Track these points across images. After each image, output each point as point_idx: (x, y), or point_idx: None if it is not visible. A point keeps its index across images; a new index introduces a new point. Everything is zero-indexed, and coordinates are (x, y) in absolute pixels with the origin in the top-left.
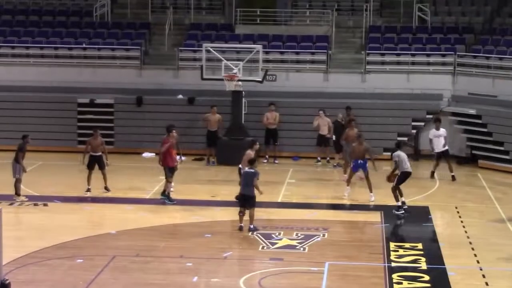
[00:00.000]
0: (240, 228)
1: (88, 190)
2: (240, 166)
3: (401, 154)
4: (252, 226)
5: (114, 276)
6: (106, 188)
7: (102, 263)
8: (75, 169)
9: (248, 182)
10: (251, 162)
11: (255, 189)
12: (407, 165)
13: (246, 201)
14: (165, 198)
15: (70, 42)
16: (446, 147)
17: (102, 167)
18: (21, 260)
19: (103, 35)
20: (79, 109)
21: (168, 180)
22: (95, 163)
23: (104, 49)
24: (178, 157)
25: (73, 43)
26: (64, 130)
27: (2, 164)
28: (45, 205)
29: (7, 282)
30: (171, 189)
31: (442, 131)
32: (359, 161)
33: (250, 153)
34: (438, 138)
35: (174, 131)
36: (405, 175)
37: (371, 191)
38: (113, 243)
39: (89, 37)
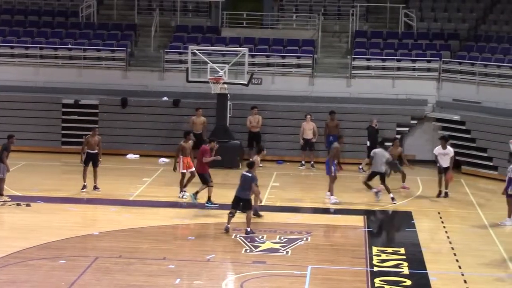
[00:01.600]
0: (226, 229)
1: (84, 187)
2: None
3: (377, 152)
4: (249, 229)
5: (97, 277)
6: (96, 187)
7: (85, 264)
8: (59, 170)
9: (245, 186)
10: (250, 166)
11: (252, 193)
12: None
13: (240, 204)
14: (209, 203)
15: (56, 42)
16: (449, 165)
17: (95, 165)
18: (2, 260)
19: (89, 36)
20: (63, 109)
21: (211, 185)
22: (90, 160)
23: (89, 50)
24: (161, 159)
25: (58, 43)
26: (48, 131)
27: None
28: (28, 205)
29: None
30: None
31: (449, 150)
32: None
33: (258, 159)
34: (444, 156)
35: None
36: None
37: (331, 194)
38: (96, 244)
39: (74, 37)
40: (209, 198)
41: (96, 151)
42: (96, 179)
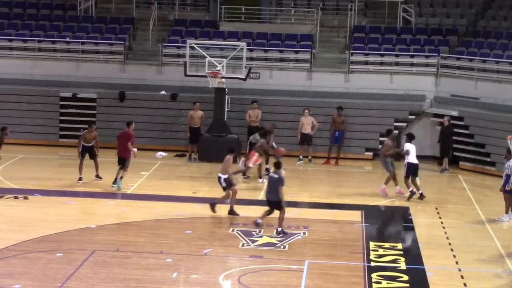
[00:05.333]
0: (257, 223)
1: (80, 179)
2: (219, 175)
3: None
4: (280, 229)
5: (94, 271)
6: (98, 176)
7: (82, 257)
8: (57, 163)
9: (272, 188)
10: (277, 166)
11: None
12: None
13: (272, 205)
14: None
15: (54, 35)
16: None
17: (93, 157)
18: (0, 253)
19: (87, 29)
20: (61, 103)
21: (127, 170)
22: (86, 152)
23: (87, 44)
24: (159, 153)
25: (56, 36)
26: (46, 124)
27: None
28: (25, 198)
29: None
30: None
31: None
32: None
33: (230, 159)
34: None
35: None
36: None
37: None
38: (93, 238)
39: (73, 31)
40: (119, 178)
41: (91, 144)
42: (98, 168)
